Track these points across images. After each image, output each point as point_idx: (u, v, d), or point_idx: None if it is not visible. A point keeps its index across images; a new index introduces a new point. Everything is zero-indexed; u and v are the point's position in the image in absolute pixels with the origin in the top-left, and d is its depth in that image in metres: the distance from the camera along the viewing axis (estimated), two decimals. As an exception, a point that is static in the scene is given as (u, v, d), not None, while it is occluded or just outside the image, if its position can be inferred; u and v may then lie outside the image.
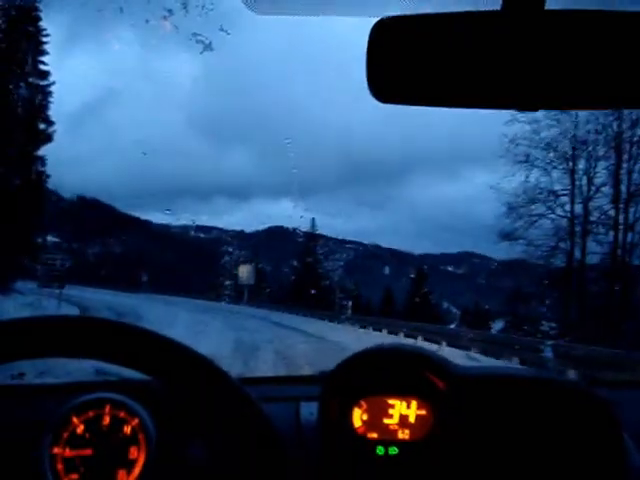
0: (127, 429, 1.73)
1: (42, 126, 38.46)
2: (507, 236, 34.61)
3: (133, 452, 1.70)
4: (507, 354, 20.45)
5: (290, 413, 2.06)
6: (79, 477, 1.66)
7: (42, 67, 38.16)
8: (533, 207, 34.67)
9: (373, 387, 1.97)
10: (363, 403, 1.96)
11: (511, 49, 1.38)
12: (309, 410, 2.04)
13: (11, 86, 34.91)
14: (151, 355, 1.38)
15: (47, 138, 38.72)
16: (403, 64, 1.42)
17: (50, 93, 38.58)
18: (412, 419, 1.95)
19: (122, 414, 1.74)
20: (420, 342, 23.85)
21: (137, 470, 1.67)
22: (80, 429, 1.72)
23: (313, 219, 65.58)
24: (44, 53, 38.28)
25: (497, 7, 1.38)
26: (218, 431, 1.48)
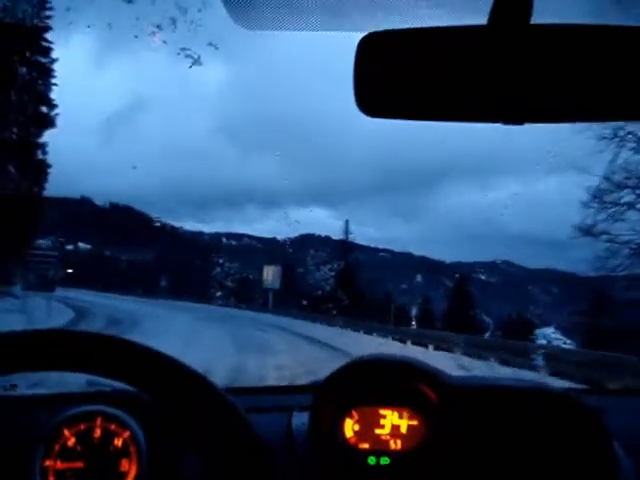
0: (118, 442, 1.74)
1: (44, 109, 37.18)
2: (587, 231, 27.04)
3: (124, 465, 1.71)
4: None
5: (282, 423, 2.06)
6: None
7: (43, 44, 36.61)
8: (620, 195, 27.19)
9: (365, 397, 1.99)
10: (355, 413, 1.97)
11: (497, 63, 1.39)
12: (301, 420, 2.04)
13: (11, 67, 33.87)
14: (139, 368, 1.39)
15: (49, 122, 37.33)
16: (390, 78, 1.43)
17: (51, 72, 37.01)
18: (404, 429, 1.96)
19: (113, 427, 1.75)
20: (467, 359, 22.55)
21: None
22: (71, 441, 1.73)
23: (347, 221, 63.84)
24: (46, 29, 36.15)
25: (483, 22, 1.39)
26: (207, 443, 1.49)
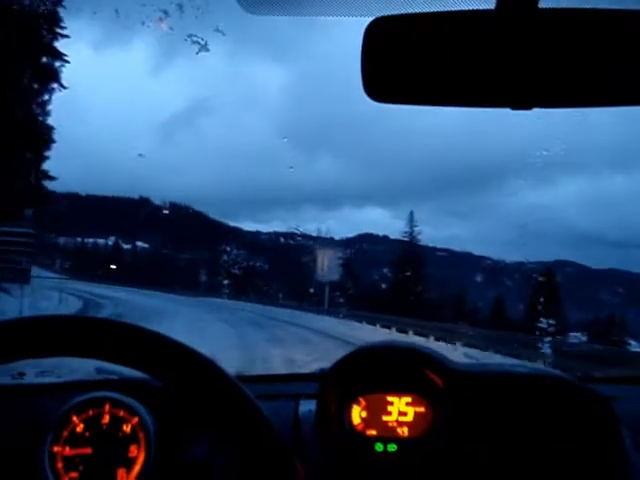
0: (127, 428, 1.74)
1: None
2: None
3: (133, 450, 1.71)
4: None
5: (289, 411, 2.06)
6: (79, 475, 1.68)
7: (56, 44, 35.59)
8: None
9: (372, 384, 1.99)
10: (362, 400, 1.97)
11: (505, 48, 1.38)
12: (308, 408, 2.05)
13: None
14: (149, 354, 1.38)
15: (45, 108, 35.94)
16: (398, 63, 1.43)
17: (58, 72, 35.73)
18: (411, 416, 1.96)
19: (122, 413, 1.75)
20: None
21: (137, 468, 1.68)
22: (80, 428, 1.73)
23: (411, 213, 58.74)
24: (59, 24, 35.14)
25: (491, 6, 1.38)
26: (216, 429, 1.49)
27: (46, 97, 34.34)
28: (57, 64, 34.81)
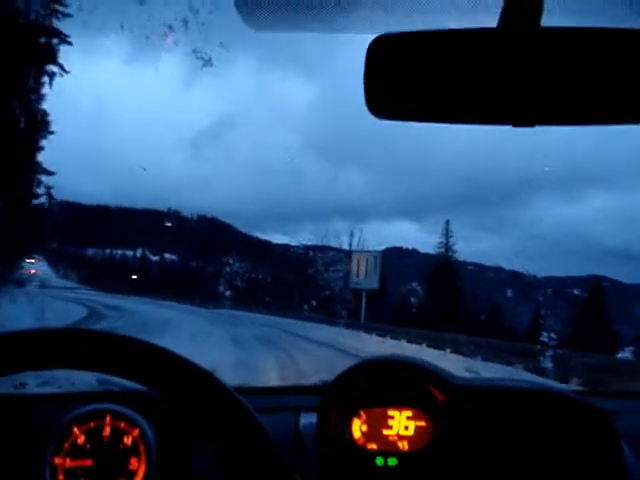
0: (127, 440, 1.74)
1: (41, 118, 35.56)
2: None
3: (133, 463, 1.71)
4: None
5: (290, 423, 2.07)
6: None
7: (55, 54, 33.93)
8: None
9: (373, 398, 1.99)
10: (362, 414, 1.98)
11: (507, 66, 1.39)
12: (309, 420, 2.05)
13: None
14: (149, 367, 1.39)
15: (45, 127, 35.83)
16: (400, 81, 1.43)
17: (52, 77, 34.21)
18: (411, 430, 1.96)
19: (122, 425, 1.75)
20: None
21: None
22: (81, 440, 1.73)
23: (447, 222, 54.44)
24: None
25: (493, 24, 1.39)
26: (216, 442, 1.50)
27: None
28: (55, 42, 33.77)
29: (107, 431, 1.75)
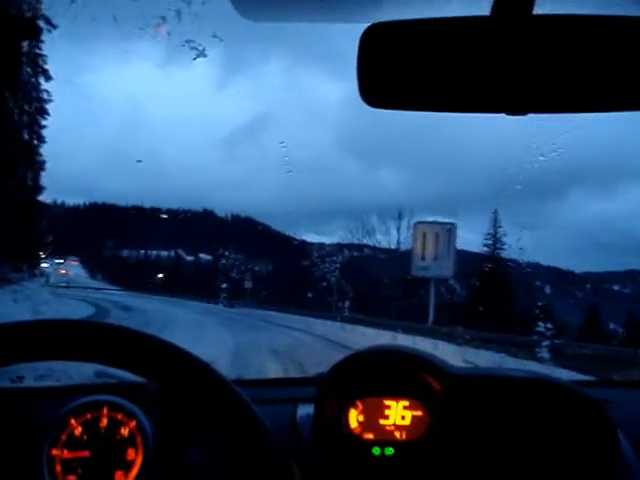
0: (124, 431, 1.74)
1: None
2: None
3: (131, 454, 1.72)
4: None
5: (287, 415, 2.08)
6: (77, 478, 1.68)
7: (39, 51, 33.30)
8: None
9: (369, 388, 2.00)
10: (359, 404, 1.99)
11: (500, 54, 1.39)
12: (306, 411, 2.07)
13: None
14: (147, 358, 1.40)
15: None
16: (394, 69, 1.44)
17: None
18: (408, 420, 1.98)
19: (119, 416, 1.76)
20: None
21: (134, 471, 1.69)
22: (78, 431, 1.74)
23: (495, 212, 47.00)
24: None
25: (486, 12, 1.39)
26: (213, 433, 1.52)
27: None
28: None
29: (104, 422, 1.76)
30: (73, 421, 1.75)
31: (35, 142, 33.85)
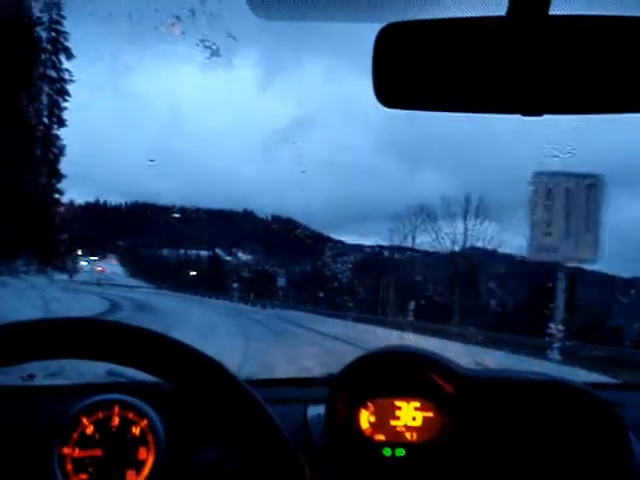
0: (136, 430, 1.75)
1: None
2: None
3: (142, 453, 1.72)
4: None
5: (298, 415, 2.08)
6: (88, 477, 1.69)
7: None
8: None
9: (380, 389, 2.00)
10: (370, 405, 1.99)
11: (516, 54, 1.39)
12: (317, 412, 2.06)
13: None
14: (159, 357, 1.40)
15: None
16: (409, 69, 1.44)
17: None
18: (419, 421, 1.98)
19: (131, 415, 1.76)
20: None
21: (146, 471, 1.70)
22: (89, 430, 1.75)
23: None
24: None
25: (502, 13, 1.39)
26: (225, 433, 1.51)
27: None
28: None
29: (116, 421, 1.76)
30: (85, 420, 1.76)
31: (55, 127, 33.46)
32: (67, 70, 32.82)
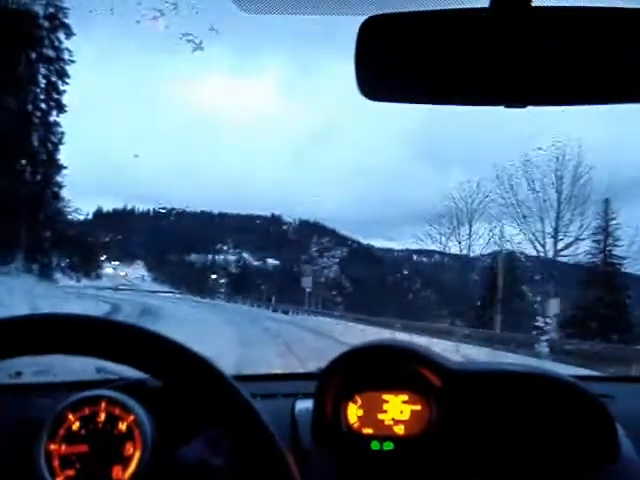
0: (122, 426, 1.74)
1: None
2: None
3: (129, 448, 1.70)
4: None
5: (286, 409, 2.08)
6: (75, 473, 1.67)
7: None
8: None
9: (368, 382, 2.00)
10: (358, 398, 1.99)
11: (499, 46, 1.39)
12: (305, 406, 2.06)
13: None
14: (146, 353, 1.40)
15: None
16: (392, 62, 1.44)
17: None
18: (407, 415, 1.97)
19: (117, 411, 1.75)
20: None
21: (132, 466, 1.68)
22: (76, 426, 1.73)
23: (606, 201, 36.05)
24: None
25: (485, 4, 1.39)
26: (212, 429, 1.54)
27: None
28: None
29: (102, 417, 1.75)
30: (71, 416, 1.74)
31: (54, 112, 32.38)
32: (67, 49, 32.09)
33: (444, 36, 1.41)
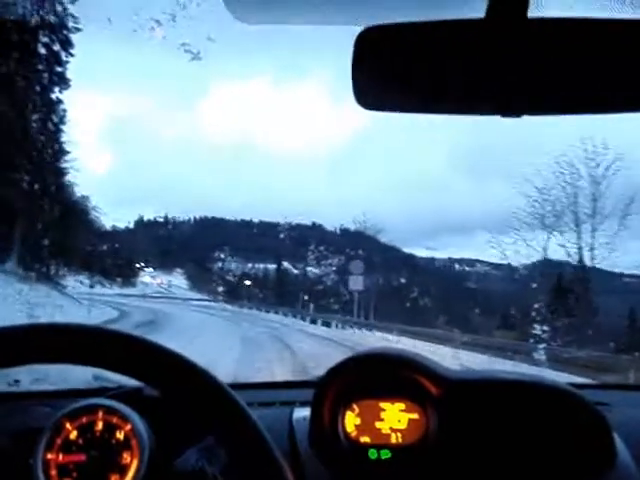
0: (120, 435, 1.74)
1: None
2: None
3: (126, 457, 1.71)
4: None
5: (284, 418, 2.08)
6: None
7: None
8: None
9: (365, 390, 2.00)
10: (355, 407, 1.98)
11: (494, 56, 1.40)
12: (302, 414, 2.07)
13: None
14: (143, 362, 1.39)
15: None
16: (388, 72, 1.45)
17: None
18: (405, 423, 1.97)
19: (115, 420, 1.76)
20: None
21: (130, 475, 1.69)
22: (73, 435, 1.74)
23: None
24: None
25: (481, 15, 1.40)
26: (209, 438, 1.55)
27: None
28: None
29: (99, 426, 1.76)
30: (68, 425, 1.75)
31: (56, 88, 32.03)
32: (71, 15, 30.99)
33: (440, 46, 1.42)
